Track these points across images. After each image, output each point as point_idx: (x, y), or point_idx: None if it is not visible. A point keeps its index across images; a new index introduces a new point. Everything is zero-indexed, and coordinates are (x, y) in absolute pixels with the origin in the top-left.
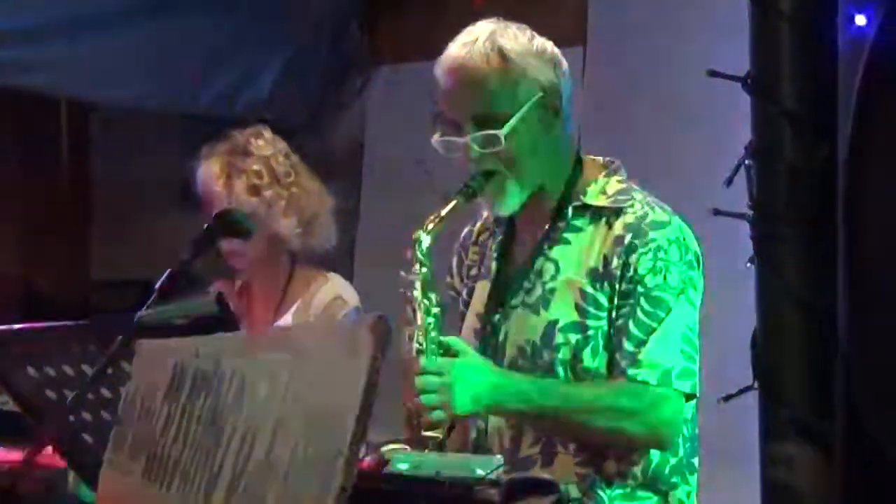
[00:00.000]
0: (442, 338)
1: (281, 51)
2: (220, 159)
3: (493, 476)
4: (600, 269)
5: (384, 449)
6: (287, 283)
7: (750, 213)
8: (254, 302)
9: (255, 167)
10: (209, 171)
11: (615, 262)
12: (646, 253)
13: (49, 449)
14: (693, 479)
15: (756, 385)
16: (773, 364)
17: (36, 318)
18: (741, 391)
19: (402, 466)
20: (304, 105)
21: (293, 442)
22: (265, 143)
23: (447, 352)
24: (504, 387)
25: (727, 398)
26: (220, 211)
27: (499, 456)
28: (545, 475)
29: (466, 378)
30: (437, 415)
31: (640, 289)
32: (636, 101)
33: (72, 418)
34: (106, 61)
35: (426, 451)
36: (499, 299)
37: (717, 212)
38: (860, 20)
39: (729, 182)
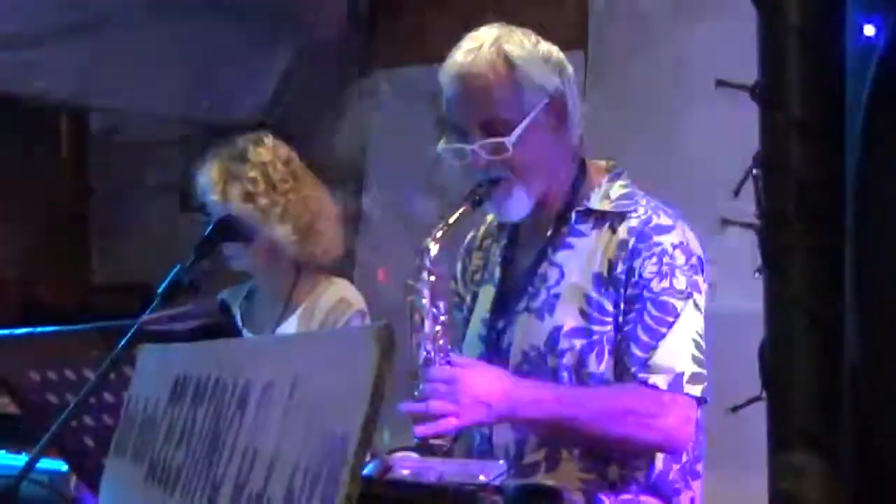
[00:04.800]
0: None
1: (281, 56)
2: (219, 166)
3: (496, 482)
4: (605, 274)
5: (389, 455)
6: (292, 288)
7: (758, 222)
8: (258, 307)
9: (251, 174)
10: (208, 177)
11: (620, 266)
12: (650, 257)
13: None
14: (697, 484)
15: (764, 395)
16: (781, 374)
17: (37, 322)
18: (749, 401)
19: (405, 472)
20: (305, 109)
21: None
22: (264, 151)
23: (456, 360)
24: (517, 395)
25: (735, 409)
26: (221, 216)
27: (502, 462)
28: (550, 482)
29: (476, 386)
30: (446, 423)
31: (646, 293)
32: (639, 105)
33: (74, 422)
34: (105, 66)
35: (431, 457)
36: (504, 304)
37: (724, 221)
38: (869, 30)
39: (737, 192)
